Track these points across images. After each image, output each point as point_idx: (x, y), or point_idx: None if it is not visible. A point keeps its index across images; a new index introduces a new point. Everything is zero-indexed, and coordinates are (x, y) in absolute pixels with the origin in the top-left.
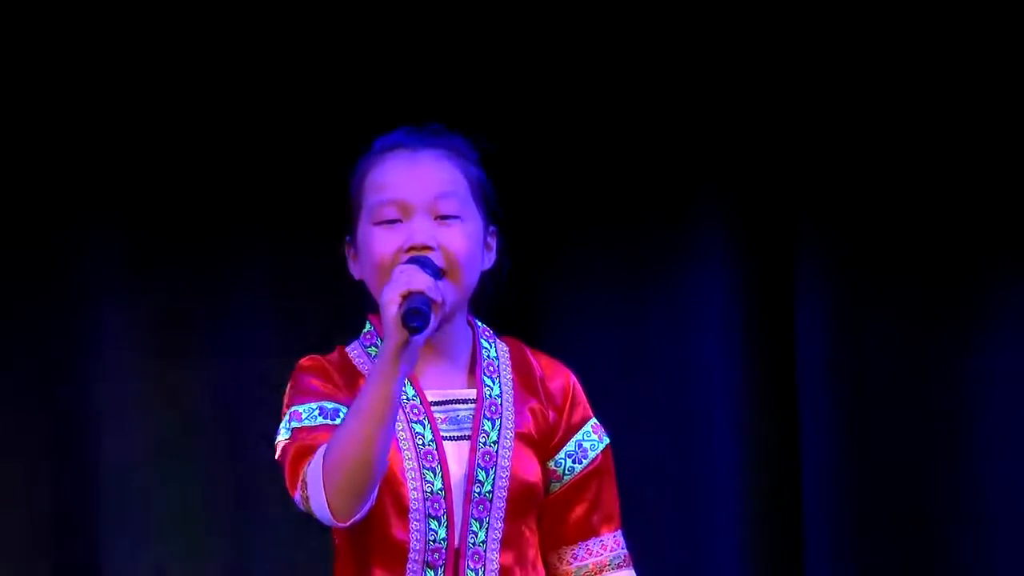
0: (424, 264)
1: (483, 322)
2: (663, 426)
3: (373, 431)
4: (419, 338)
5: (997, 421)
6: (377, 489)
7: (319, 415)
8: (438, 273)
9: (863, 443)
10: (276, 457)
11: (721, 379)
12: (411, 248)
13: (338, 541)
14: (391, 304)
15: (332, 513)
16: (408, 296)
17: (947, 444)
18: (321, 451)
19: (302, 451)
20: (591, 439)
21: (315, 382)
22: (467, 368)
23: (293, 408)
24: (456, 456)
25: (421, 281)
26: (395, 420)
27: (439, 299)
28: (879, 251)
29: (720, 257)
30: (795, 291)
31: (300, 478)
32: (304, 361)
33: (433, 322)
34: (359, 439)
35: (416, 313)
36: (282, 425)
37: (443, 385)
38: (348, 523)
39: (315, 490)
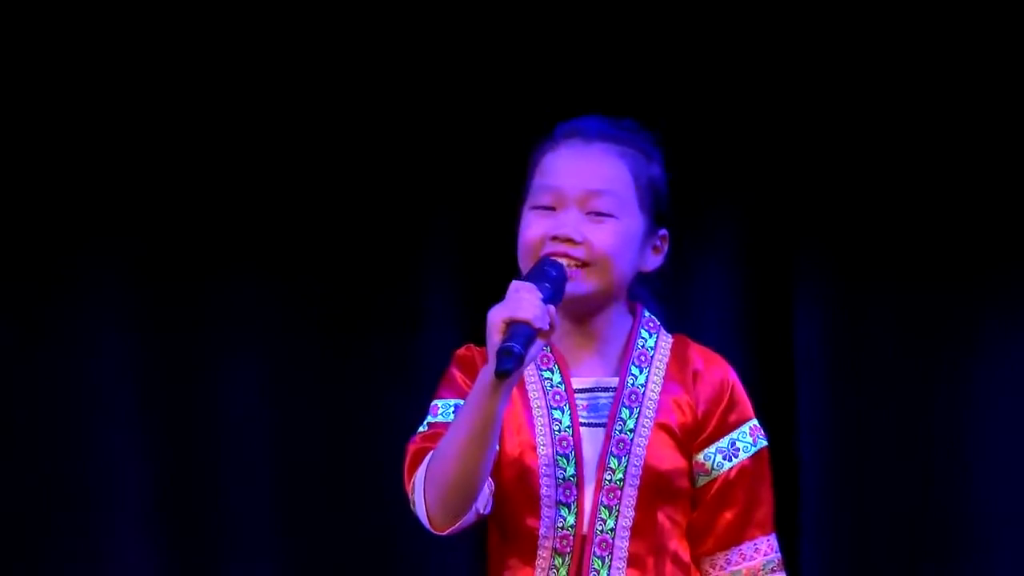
0: (545, 276)
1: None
2: None
3: (471, 452)
4: (510, 379)
5: (998, 429)
6: (475, 504)
7: (453, 412)
8: (560, 285)
9: (862, 451)
10: None
11: None
12: (555, 238)
13: (489, 529)
14: (495, 330)
15: (429, 522)
16: (511, 325)
17: (947, 452)
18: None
19: (419, 455)
20: (745, 440)
21: (460, 375)
22: (619, 356)
23: (435, 402)
24: (591, 443)
25: (528, 309)
26: (496, 439)
27: (545, 327)
28: (878, 262)
29: (722, 266)
30: (794, 301)
31: (412, 482)
32: (460, 351)
33: (535, 350)
34: (457, 458)
35: (509, 355)
36: (427, 416)
37: (591, 372)
38: (444, 533)
39: (418, 498)
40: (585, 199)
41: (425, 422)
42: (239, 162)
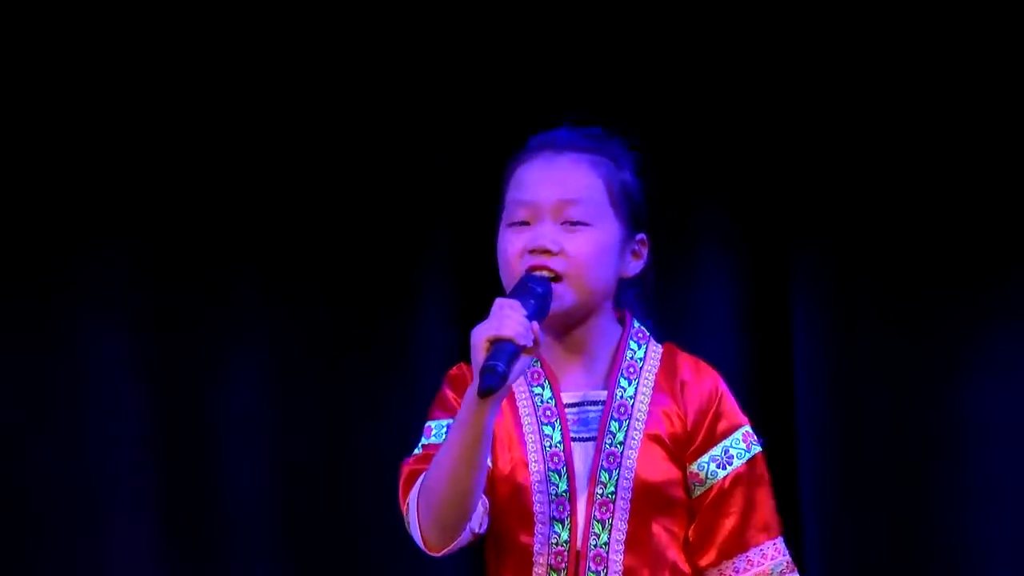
0: (530, 293)
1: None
2: None
3: (461, 470)
4: (495, 397)
5: (998, 429)
6: (468, 525)
7: (447, 433)
8: (545, 302)
9: (862, 452)
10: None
11: None
12: (533, 251)
13: (486, 545)
14: (478, 348)
15: (423, 543)
16: (495, 343)
17: (947, 452)
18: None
19: (413, 476)
20: (739, 447)
21: (452, 395)
22: (607, 368)
23: (428, 423)
24: (582, 457)
25: (512, 326)
26: (486, 456)
27: (529, 343)
28: (878, 263)
29: (720, 267)
30: (793, 301)
31: (406, 503)
32: (452, 370)
33: (520, 367)
34: (448, 477)
35: (492, 374)
36: (421, 438)
37: (580, 386)
38: (440, 554)
39: (413, 519)
40: (559, 209)
41: (419, 444)
42: (239, 163)
